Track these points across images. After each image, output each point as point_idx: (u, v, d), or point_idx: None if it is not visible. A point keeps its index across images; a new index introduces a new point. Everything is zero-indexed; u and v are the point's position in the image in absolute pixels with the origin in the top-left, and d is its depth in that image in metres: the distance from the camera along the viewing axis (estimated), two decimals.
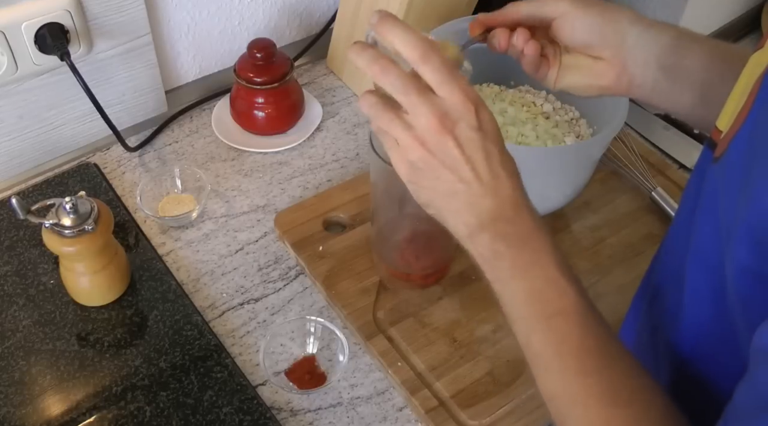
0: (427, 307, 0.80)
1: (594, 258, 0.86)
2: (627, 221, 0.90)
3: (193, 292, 0.81)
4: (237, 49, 1.01)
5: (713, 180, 0.47)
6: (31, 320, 0.77)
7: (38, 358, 0.74)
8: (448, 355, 0.76)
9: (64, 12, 0.80)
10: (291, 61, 0.96)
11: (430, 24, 0.90)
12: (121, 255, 0.78)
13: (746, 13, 1.23)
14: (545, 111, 0.93)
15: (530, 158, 0.81)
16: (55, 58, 0.81)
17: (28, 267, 0.81)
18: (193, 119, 1.00)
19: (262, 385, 0.74)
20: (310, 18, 1.09)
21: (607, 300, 0.82)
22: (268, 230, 0.88)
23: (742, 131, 0.43)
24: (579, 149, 0.85)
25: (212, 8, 0.98)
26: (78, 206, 0.70)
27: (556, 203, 0.87)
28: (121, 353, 0.75)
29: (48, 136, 0.91)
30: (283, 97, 0.96)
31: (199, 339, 0.76)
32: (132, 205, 0.89)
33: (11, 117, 0.86)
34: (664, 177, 0.95)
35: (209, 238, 0.86)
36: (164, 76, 0.98)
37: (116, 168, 0.93)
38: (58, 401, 0.71)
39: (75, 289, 0.77)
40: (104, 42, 0.87)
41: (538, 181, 0.84)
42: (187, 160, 0.95)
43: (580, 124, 0.91)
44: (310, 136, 0.98)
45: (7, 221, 0.85)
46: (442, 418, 0.71)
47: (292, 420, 0.72)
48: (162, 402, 0.71)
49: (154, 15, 0.93)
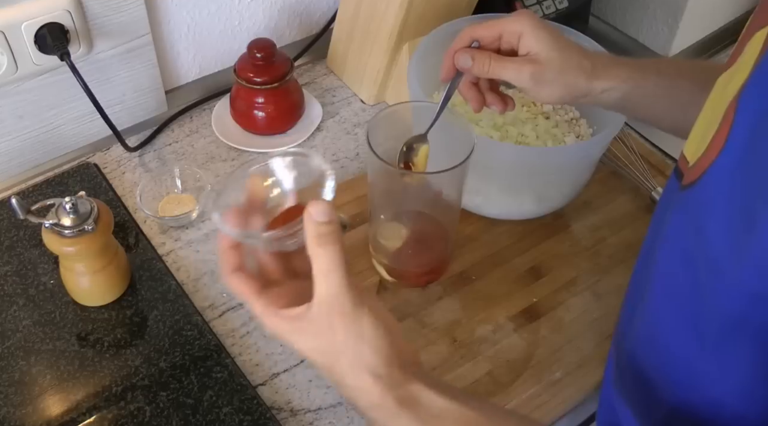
0: (427, 307, 0.80)
1: (594, 258, 0.86)
2: (627, 221, 0.90)
3: (193, 292, 0.81)
4: (237, 49, 1.01)
5: (680, 208, 0.47)
6: (31, 320, 0.77)
7: (38, 358, 0.74)
8: (448, 355, 0.76)
9: (64, 12, 0.80)
10: (291, 61, 0.96)
11: (430, 24, 0.90)
12: (121, 255, 0.78)
13: (746, 14, 1.23)
14: (545, 111, 0.93)
15: (530, 158, 0.82)
16: (55, 58, 0.81)
17: (28, 267, 0.81)
18: (193, 119, 1.00)
19: (262, 385, 0.74)
20: (310, 18, 1.09)
21: (607, 300, 0.82)
22: None
23: (722, 159, 0.42)
24: (579, 149, 0.85)
25: (212, 8, 0.98)
26: (78, 206, 0.70)
27: (556, 203, 0.87)
28: (121, 353, 0.75)
29: (48, 136, 0.91)
30: (283, 97, 0.96)
31: (199, 339, 0.76)
32: (132, 205, 0.89)
33: (11, 117, 0.86)
34: (664, 177, 0.95)
35: (209, 238, 0.86)
36: (164, 76, 0.98)
37: (116, 168, 0.93)
38: (58, 401, 0.71)
39: (75, 289, 0.77)
40: (104, 42, 0.87)
41: (538, 181, 0.85)
42: (187, 160, 0.95)
43: (580, 124, 0.91)
44: (310, 136, 0.98)
45: (7, 221, 0.85)
46: None
47: (292, 420, 0.72)
48: (162, 402, 0.71)
49: (154, 15, 0.93)
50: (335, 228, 0.48)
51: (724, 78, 0.48)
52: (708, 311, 0.44)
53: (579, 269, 0.85)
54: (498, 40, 0.68)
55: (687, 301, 0.46)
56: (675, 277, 0.47)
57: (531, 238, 0.87)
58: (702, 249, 0.43)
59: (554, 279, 0.84)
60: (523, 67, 0.65)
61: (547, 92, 0.66)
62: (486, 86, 0.72)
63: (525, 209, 0.86)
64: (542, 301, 0.82)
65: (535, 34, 0.65)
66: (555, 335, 0.79)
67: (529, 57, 0.66)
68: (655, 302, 0.50)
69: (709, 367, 0.46)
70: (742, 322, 0.42)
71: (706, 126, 0.46)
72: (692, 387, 0.48)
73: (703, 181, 0.44)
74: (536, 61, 0.65)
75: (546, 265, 0.85)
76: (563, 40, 0.66)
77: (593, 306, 0.81)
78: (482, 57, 0.67)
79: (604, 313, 0.81)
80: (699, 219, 0.44)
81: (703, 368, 0.47)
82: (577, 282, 0.84)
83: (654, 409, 0.52)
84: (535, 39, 0.65)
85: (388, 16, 0.93)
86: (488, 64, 0.66)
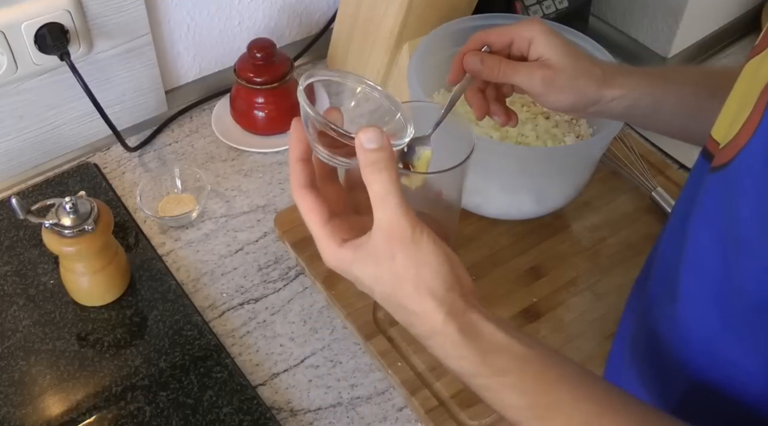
0: None
1: (594, 258, 0.86)
2: (627, 221, 0.90)
3: (193, 292, 0.81)
4: (237, 49, 1.01)
5: (713, 189, 0.47)
6: (31, 320, 0.77)
7: (38, 358, 0.74)
8: None
9: (64, 12, 0.80)
10: (291, 61, 0.96)
11: (430, 24, 0.90)
12: (121, 255, 0.78)
13: (746, 14, 1.23)
14: (545, 111, 0.93)
15: (530, 158, 0.82)
16: (55, 58, 0.81)
17: (28, 267, 0.81)
18: (193, 119, 1.00)
19: (262, 385, 0.74)
20: (310, 18, 1.09)
21: (607, 300, 0.82)
22: (268, 230, 0.88)
23: (755, 142, 0.42)
24: (579, 149, 0.85)
25: (212, 8, 0.98)
26: (78, 206, 0.70)
27: (556, 203, 0.87)
28: (121, 353, 0.75)
29: (48, 136, 0.91)
30: (283, 97, 0.95)
31: (199, 339, 0.76)
32: (132, 205, 0.89)
33: (11, 117, 0.86)
34: (664, 177, 0.95)
35: (209, 238, 0.86)
36: (164, 76, 0.98)
37: (116, 168, 0.93)
38: (58, 401, 0.71)
39: (75, 289, 0.77)
40: (104, 42, 0.87)
41: (538, 181, 0.85)
42: (187, 160, 0.95)
43: (580, 124, 0.91)
44: None
45: (7, 221, 0.85)
46: (442, 418, 0.71)
47: (292, 420, 0.72)
48: (162, 402, 0.71)
49: (154, 15, 0.93)
50: (387, 155, 0.47)
51: (753, 63, 0.48)
52: (735, 291, 0.44)
53: (579, 269, 0.85)
54: (508, 46, 0.68)
55: (714, 280, 0.46)
56: (704, 256, 0.48)
57: (531, 238, 0.87)
58: (733, 229, 0.44)
59: (554, 279, 0.84)
60: (535, 71, 0.66)
61: (558, 98, 0.66)
62: (493, 96, 0.72)
63: (525, 209, 0.86)
64: (542, 301, 0.82)
65: (546, 40, 0.66)
66: (555, 335, 0.79)
67: (540, 62, 0.66)
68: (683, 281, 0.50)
69: (730, 347, 0.46)
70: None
71: (737, 109, 0.46)
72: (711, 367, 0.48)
73: (736, 163, 0.44)
74: (548, 67, 0.65)
75: (546, 265, 0.85)
76: (574, 49, 0.67)
77: (593, 306, 0.81)
78: (493, 59, 0.67)
79: (604, 313, 0.81)
80: (731, 200, 0.44)
81: (724, 348, 0.47)
82: (577, 282, 0.84)
83: (669, 389, 0.52)
84: (546, 45, 0.66)
85: (388, 16, 0.93)
86: (499, 67, 0.67)
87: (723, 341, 0.47)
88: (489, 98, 0.72)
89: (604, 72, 0.66)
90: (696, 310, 0.49)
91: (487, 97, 0.72)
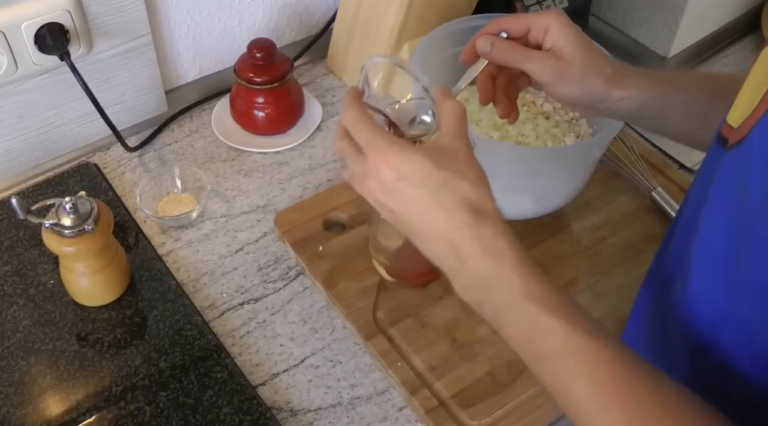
0: (427, 307, 0.80)
1: (594, 258, 0.86)
2: (627, 221, 0.90)
3: (193, 292, 0.81)
4: (237, 49, 1.01)
5: (726, 168, 0.47)
6: (31, 320, 0.77)
7: (38, 358, 0.74)
8: (448, 355, 0.76)
9: (64, 12, 0.80)
10: (291, 61, 0.96)
11: (430, 24, 0.90)
12: (121, 255, 0.78)
13: (746, 14, 1.23)
14: (545, 111, 0.93)
15: (530, 158, 0.82)
16: (55, 58, 0.81)
17: (28, 267, 0.81)
18: (193, 119, 1.00)
19: (262, 385, 0.74)
20: (310, 18, 1.09)
21: (607, 300, 0.82)
22: (268, 230, 0.88)
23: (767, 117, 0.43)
24: (579, 149, 0.85)
25: (212, 8, 0.98)
26: (78, 206, 0.70)
27: (556, 203, 0.87)
28: (121, 353, 0.75)
29: (48, 136, 0.91)
30: (283, 97, 0.96)
31: (199, 339, 0.76)
32: (132, 205, 0.89)
33: (11, 117, 0.86)
34: (664, 177, 0.95)
35: (209, 238, 0.86)
36: (164, 76, 0.98)
37: (116, 168, 0.93)
38: (58, 401, 0.71)
39: (75, 289, 0.77)
40: (104, 42, 0.87)
41: (538, 181, 0.85)
42: (187, 160, 0.95)
43: (580, 124, 0.91)
44: (310, 136, 0.98)
45: (7, 221, 0.85)
46: (442, 418, 0.71)
47: (292, 420, 0.72)
48: (162, 402, 0.71)
49: (154, 15, 0.93)
50: None
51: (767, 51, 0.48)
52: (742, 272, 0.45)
53: (579, 269, 0.85)
54: (526, 34, 0.68)
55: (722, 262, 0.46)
56: (714, 238, 0.48)
57: (531, 238, 0.87)
58: (743, 207, 0.44)
59: (554, 279, 0.83)
60: (546, 60, 0.66)
61: (566, 89, 0.66)
62: (503, 88, 0.72)
63: (525, 209, 0.86)
64: None
65: (562, 30, 0.66)
66: None
67: (553, 52, 0.66)
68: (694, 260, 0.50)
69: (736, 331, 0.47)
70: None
71: (753, 92, 0.46)
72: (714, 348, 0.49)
73: (749, 139, 0.44)
74: (559, 57, 0.66)
75: (546, 265, 0.85)
76: (589, 44, 0.67)
77: (593, 306, 0.81)
78: (504, 43, 0.67)
79: (604, 313, 0.81)
80: (743, 176, 0.44)
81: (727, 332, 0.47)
82: (577, 282, 0.84)
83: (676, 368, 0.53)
84: (561, 35, 0.66)
85: (388, 16, 0.93)
86: (509, 51, 0.67)
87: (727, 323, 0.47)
88: (498, 87, 0.72)
89: (615, 71, 0.66)
90: (704, 290, 0.49)
91: (496, 86, 0.72)
